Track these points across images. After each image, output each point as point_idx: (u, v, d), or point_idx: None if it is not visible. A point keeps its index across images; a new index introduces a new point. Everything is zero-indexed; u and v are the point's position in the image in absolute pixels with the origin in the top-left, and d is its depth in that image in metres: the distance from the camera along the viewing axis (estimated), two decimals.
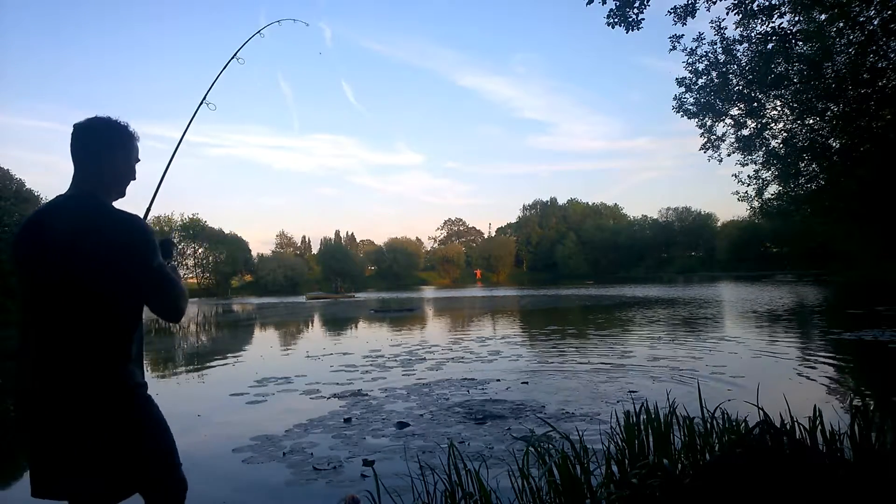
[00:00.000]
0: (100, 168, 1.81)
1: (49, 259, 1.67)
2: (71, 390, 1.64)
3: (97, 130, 1.81)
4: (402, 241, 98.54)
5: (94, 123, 1.82)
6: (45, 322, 1.68)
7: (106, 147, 1.81)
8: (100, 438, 1.65)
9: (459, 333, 14.08)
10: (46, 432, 1.67)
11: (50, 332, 1.67)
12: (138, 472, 1.74)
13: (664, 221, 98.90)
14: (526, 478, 2.59)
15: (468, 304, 30.69)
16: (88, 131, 1.81)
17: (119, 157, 1.84)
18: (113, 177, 1.84)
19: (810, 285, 32.35)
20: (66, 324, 1.66)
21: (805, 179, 15.03)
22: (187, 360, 11.10)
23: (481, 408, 5.62)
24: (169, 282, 1.78)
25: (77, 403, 1.64)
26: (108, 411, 1.67)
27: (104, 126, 1.82)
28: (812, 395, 5.61)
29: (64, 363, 1.65)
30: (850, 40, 11.41)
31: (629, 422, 3.05)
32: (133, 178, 1.92)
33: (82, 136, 1.80)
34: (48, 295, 1.68)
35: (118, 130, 1.84)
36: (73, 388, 1.64)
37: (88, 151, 1.80)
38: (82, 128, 1.81)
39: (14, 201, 25.94)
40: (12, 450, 5.29)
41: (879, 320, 12.33)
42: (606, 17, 8.51)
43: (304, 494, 3.56)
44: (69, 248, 1.66)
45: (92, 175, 1.80)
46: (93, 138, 1.81)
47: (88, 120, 1.82)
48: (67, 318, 1.66)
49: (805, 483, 2.22)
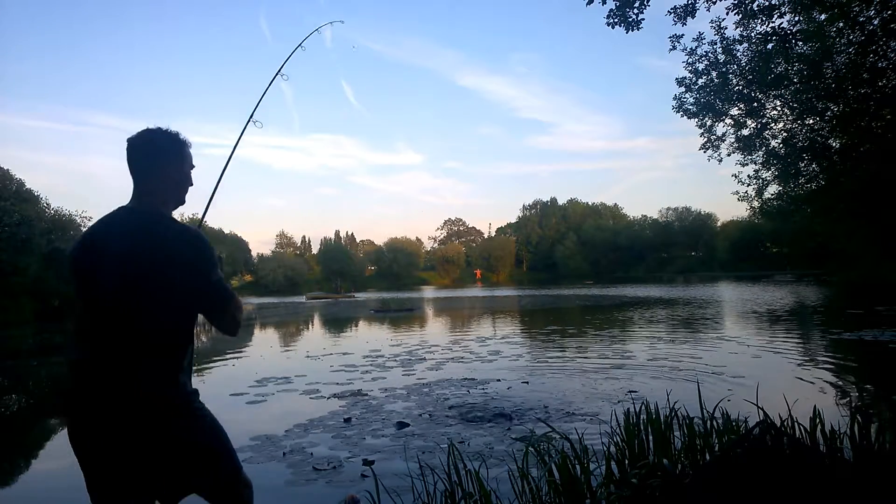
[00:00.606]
0: (157, 179, 1.82)
1: (110, 272, 1.68)
2: (133, 400, 1.65)
3: (150, 143, 1.83)
4: (402, 241, 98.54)
5: (147, 136, 1.84)
6: (107, 334, 1.69)
7: (161, 158, 1.83)
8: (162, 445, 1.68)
9: (459, 333, 14.08)
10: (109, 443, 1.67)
11: (112, 343, 1.68)
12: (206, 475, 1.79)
13: (664, 221, 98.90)
14: (526, 478, 2.58)
15: (468, 304, 30.68)
16: (142, 144, 1.83)
17: (174, 166, 1.86)
18: (171, 187, 1.86)
19: (810, 285, 32.35)
20: (128, 336, 1.67)
21: (805, 179, 15.05)
22: None
23: (481, 408, 5.62)
24: (228, 295, 1.82)
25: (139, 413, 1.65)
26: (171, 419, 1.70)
27: (157, 138, 1.84)
28: (812, 395, 5.61)
29: (125, 374, 1.65)
30: (850, 40, 11.42)
31: (629, 422, 3.05)
32: (191, 185, 1.94)
33: (137, 150, 1.82)
34: (109, 307, 1.68)
35: (170, 140, 1.86)
36: (135, 397, 1.65)
37: (144, 164, 1.82)
38: (136, 141, 1.83)
39: (14, 201, 25.89)
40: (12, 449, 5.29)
41: (879, 320, 12.32)
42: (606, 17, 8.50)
43: (304, 494, 3.56)
44: (131, 260, 1.68)
45: (150, 187, 1.82)
46: (147, 151, 1.83)
47: (141, 133, 1.84)
48: (128, 331, 1.67)
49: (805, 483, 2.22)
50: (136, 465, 1.67)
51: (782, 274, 54.84)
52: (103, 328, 1.69)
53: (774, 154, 14.47)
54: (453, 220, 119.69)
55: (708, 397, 3.31)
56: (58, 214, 29.63)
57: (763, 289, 30.97)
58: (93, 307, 1.71)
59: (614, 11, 8.40)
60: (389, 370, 8.30)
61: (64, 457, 2.03)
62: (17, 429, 6.20)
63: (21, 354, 13.41)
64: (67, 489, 4.00)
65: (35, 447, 5.33)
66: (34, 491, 4.08)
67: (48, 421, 6.48)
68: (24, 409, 7.39)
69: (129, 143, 1.83)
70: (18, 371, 10.72)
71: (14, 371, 10.72)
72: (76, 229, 30.25)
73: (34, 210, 26.98)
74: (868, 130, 12.78)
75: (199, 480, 1.79)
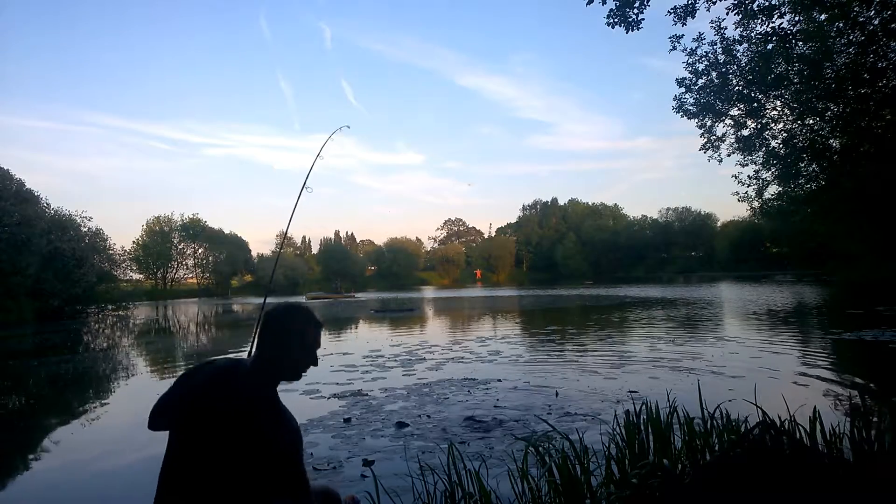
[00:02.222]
0: (274, 352, 1.85)
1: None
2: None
3: (277, 317, 1.88)
4: (402, 241, 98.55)
5: (281, 311, 1.89)
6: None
7: (283, 333, 1.86)
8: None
9: (459, 333, 14.08)
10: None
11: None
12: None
13: (664, 221, 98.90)
14: (526, 478, 2.58)
15: (468, 304, 30.68)
16: (270, 316, 1.89)
17: (295, 343, 1.87)
18: (286, 360, 1.87)
19: (810, 285, 32.35)
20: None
21: (805, 179, 15.04)
22: (187, 360, 11.09)
23: (481, 408, 5.62)
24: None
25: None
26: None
27: (284, 312, 1.89)
28: (812, 395, 5.61)
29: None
30: (850, 40, 11.42)
31: (629, 422, 3.05)
32: (314, 364, 1.94)
33: (269, 322, 1.88)
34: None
35: (297, 316, 1.89)
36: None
37: (267, 335, 1.86)
38: (269, 313, 1.90)
39: (14, 201, 25.90)
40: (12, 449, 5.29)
41: (879, 320, 12.33)
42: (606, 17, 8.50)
43: None
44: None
45: (266, 356, 1.85)
46: (273, 324, 1.87)
47: (277, 306, 1.91)
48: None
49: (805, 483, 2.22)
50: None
51: (782, 274, 54.86)
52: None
53: (774, 154, 14.45)
54: (453, 220, 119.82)
55: (708, 397, 3.30)
56: (58, 214, 29.64)
57: (763, 289, 30.97)
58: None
59: (614, 11, 8.40)
60: (389, 370, 8.30)
61: (64, 456, 2.02)
62: (18, 429, 6.20)
63: (21, 354, 13.41)
64: (68, 489, 4.01)
65: (35, 447, 5.33)
66: (34, 491, 4.07)
67: (48, 421, 6.48)
68: (24, 409, 7.39)
69: (264, 315, 1.92)
70: (18, 371, 10.72)
71: (14, 371, 10.72)
72: (76, 229, 30.28)
73: (34, 210, 26.98)
74: (868, 130, 12.77)
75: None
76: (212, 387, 1.78)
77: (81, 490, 4.01)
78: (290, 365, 1.88)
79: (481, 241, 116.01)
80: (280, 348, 1.85)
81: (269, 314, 1.90)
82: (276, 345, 1.85)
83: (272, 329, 1.86)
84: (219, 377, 1.81)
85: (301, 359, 1.89)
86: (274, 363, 1.85)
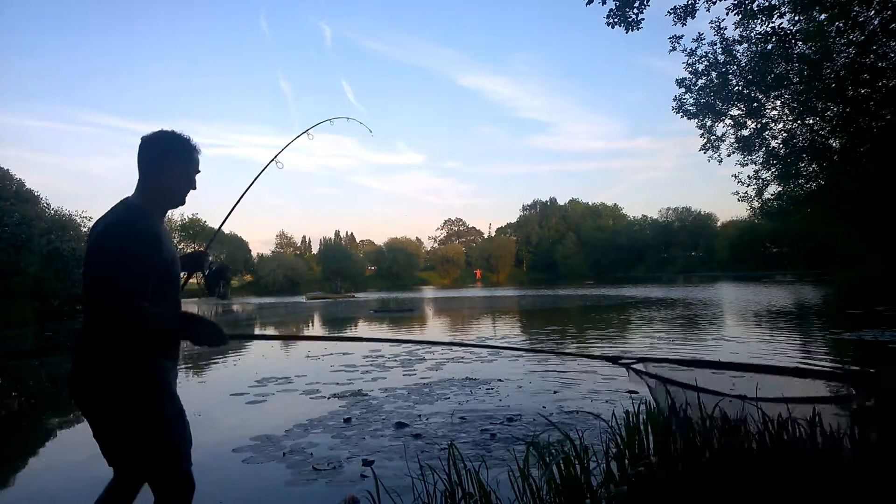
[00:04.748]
0: (155, 178, 1.93)
1: (87, 255, 1.86)
2: (93, 379, 1.81)
3: (157, 143, 1.94)
4: (402, 241, 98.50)
5: (156, 136, 1.95)
6: (84, 315, 1.87)
7: (163, 159, 1.93)
8: (116, 425, 1.81)
9: (459, 333, 14.08)
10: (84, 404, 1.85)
11: (84, 325, 1.85)
12: (143, 462, 1.88)
13: (664, 221, 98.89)
14: (526, 478, 2.58)
15: (468, 304, 30.67)
16: (149, 143, 1.94)
17: (176, 168, 1.95)
18: (167, 186, 1.95)
19: (810, 285, 32.33)
20: (88, 319, 1.84)
21: (805, 179, 15.04)
22: (187, 360, 11.09)
23: (482, 408, 5.62)
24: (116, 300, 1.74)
25: (97, 391, 1.80)
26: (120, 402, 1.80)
27: (164, 139, 1.95)
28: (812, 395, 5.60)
29: (85, 355, 1.82)
30: (850, 40, 11.40)
31: (629, 422, 3.05)
32: (192, 188, 2.02)
33: (144, 148, 1.94)
34: (84, 291, 1.86)
35: (178, 143, 1.96)
36: (94, 380, 1.80)
37: (147, 162, 1.93)
38: (145, 140, 1.95)
39: (14, 201, 25.89)
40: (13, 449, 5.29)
41: (879, 320, 12.32)
42: (606, 17, 8.52)
43: (303, 494, 3.56)
44: (91, 247, 1.83)
45: (146, 184, 1.93)
46: (152, 150, 1.93)
47: (153, 133, 1.96)
48: (88, 314, 1.84)
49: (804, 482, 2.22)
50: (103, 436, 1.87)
51: (782, 274, 54.85)
52: (83, 310, 1.88)
53: (774, 154, 14.45)
54: (453, 220, 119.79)
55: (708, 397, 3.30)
56: (58, 214, 29.60)
57: (763, 289, 30.97)
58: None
59: (614, 11, 8.42)
60: (389, 370, 8.29)
61: (64, 456, 2.04)
62: (18, 429, 6.20)
63: (21, 354, 13.41)
64: (67, 489, 4.00)
65: (35, 448, 5.33)
66: (35, 491, 4.07)
67: (49, 421, 6.49)
68: (24, 409, 7.38)
69: (141, 140, 1.94)
70: (19, 371, 10.72)
71: (14, 371, 10.72)
72: (76, 229, 30.23)
73: (34, 210, 26.96)
74: (868, 130, 12.78)
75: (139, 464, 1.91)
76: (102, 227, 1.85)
77: (80, 489, 4.01)
78: (175, 189, 1.97)
79: (481, 241, 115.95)
80: (162, 175, 1.92)
81: (146, 140, 1.95)
82: (159, 172, 1.92)
83: (151, 157, 1.93)
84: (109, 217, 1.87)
85: (184, 183, 1.99)
86: (158, 191, 1.93)
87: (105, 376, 1.77)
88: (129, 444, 1.82)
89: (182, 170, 1.96)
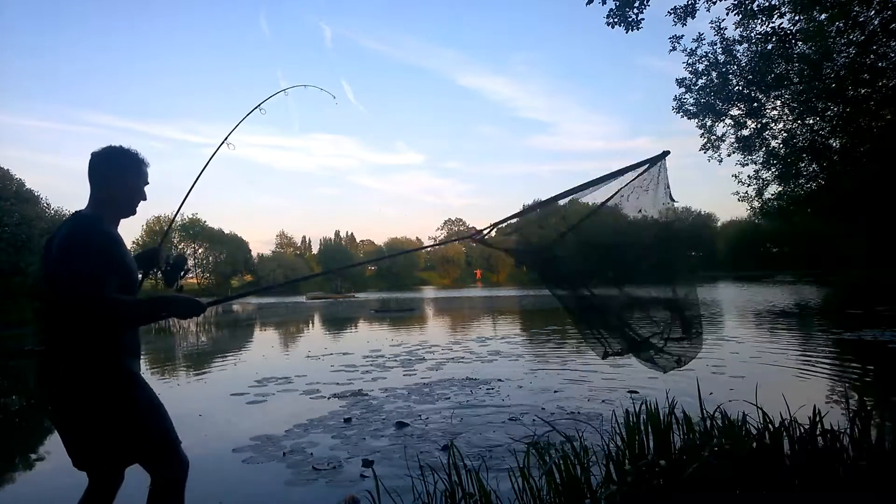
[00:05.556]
0: (108, 191, 2.05)
1: (46, 267, 1.97)
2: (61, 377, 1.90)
3: (109, 158, 2.07)
4: (402, 241, 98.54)
5: (107, 152, 2.07)
6: (47, 320, 1.96)
7: (115, 173, 2.05)
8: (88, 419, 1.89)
9: (460, 333, 14.09)
10: (56, 414, 1.95)
11: (48, 329, 1.96)
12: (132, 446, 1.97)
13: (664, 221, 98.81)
14: (526, 478, 2.58)
15: (468, 304, 30.68)
16: (100, 158, 2.06)
17: (127, 182, 2.08)
18: (119, 198, 2.07)
19: (810, 285, 32.33)
20: (53, 323, 1.94)
21: (805, 179, 15.02)
22: (187, 360, 11.10)
23: (482, 408, 5.62)
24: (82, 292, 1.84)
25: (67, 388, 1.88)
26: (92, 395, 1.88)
27: (114, 154, 2.07)
28: (812, 395, 5.60)
29: (51, 356, 1.93)
30: (850, 40, 11.39)
31: (629, 422, 3.05)
32: (143, 199, 2.15)
33: (96, 163, 2.05)
34: (48, 297, 1.96)
35: (127, 157, 2.09)
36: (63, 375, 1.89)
37: (100, 177, 2.05)
38: (96, 155, 2.06)
39: (14, 201, 25.93)
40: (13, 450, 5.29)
41: (879, 320, 12.32)
42: (606, 17, 8.51)
43: (303, 494, 3.56)
44: (55, 256, 1.92)
45: (99, 196, 2.05)
46: (104, 165, 2.06)
47: (103, 149, 2.08)
48: (53, 319, 1.94)
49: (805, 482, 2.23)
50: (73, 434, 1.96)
51: (782, 274, 54.82)
52: (46, 315, 1.98)
53: (774, 154, 14.44)
54: (453, 220, 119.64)
55: (708, 397, 3.31)
56: (58, 214, 29.63)
57: (763, 289, 30.97)
58: (45, 296, 2.01)
59: (614, 11, 8.41)
60: (390, 370, 8.30)
61: (64, 456, 2.04)
62: (18, 429, 6.20)
63: (21, 354, 13.40)
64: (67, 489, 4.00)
65: (35, 448, 5.33)
66: (34, 491, 4.07)
67: (48, 421, 6.49)
68: (24, 409, 7.38)
69: (91, 155, 2.06)
70: (18, 371, 10.72)
71: (14, 371, 10.72)
72: None
73: (34, 210, 27.00)
74: (868, 130, 12.77)
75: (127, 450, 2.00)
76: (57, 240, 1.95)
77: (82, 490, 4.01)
78: (127, 201, 2.09)
79: None
80: (114, 187, 2.04)
81: (96, 156, 2.06)
82: (110, 185, 2.03)
83: (102, 171, 2.04)
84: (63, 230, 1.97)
85: (135, 195, 2.11)
86: (110, 201, 2.04)
87: (78, 381, 1.86)
88: (113, 441, 1.90)
89: (133, 183, 2.09)
